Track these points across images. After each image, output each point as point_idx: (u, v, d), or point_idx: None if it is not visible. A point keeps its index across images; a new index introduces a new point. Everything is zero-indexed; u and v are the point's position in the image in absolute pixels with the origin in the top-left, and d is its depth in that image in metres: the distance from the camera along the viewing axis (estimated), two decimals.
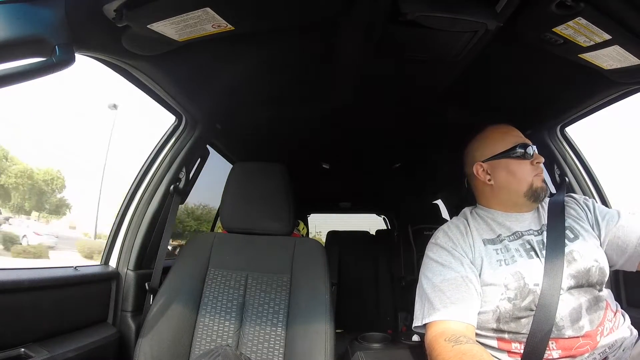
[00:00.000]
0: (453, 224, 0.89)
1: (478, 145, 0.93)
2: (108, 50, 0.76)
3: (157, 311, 0.98)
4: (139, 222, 1.15)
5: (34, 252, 9.84)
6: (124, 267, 1.11)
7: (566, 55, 0.80)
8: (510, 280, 0.75)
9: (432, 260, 0.83)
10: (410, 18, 0.69)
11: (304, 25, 0.83)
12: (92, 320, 1.00)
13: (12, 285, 0.76)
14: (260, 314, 1.00)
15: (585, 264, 0.76)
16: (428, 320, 0.76)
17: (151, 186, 1.17)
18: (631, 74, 0.82)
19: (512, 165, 0.87)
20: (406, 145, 1.69)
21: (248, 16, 0.74)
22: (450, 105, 1.21)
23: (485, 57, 0.87)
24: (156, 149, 1.20)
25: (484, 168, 0.90)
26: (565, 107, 1.10)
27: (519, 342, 0.74)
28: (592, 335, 0.72)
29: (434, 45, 0.83)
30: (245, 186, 1.18)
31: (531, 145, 0.88)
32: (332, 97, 1.20)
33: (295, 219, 1.18)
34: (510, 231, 0.84)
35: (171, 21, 0.69)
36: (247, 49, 0.91)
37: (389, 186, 2.48)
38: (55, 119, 33.94)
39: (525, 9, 0.69)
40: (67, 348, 0.84)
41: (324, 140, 1.68)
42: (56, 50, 0.52)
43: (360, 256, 2.67)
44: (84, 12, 0.62)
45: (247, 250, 1.11)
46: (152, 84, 0.95)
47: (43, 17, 0.51)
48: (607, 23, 0.67)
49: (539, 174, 0.86)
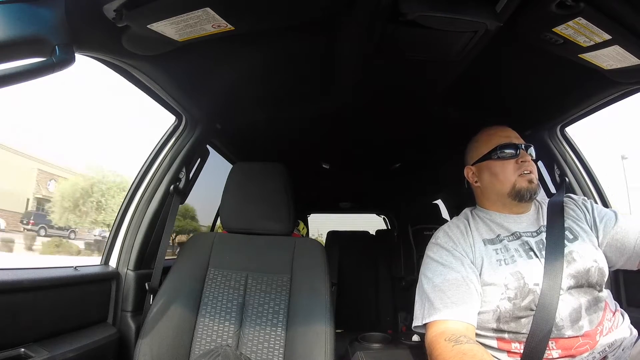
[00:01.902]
0: (454, 224, 0.90)
1: (470, 148, 0.96)
2: (108, 50, 0.76)
3: (157, 311, 0.98)
4: (139, 222, 1.15)
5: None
6: (124, 267, 1.11)
7: (566, 55, 0.80)
8: (510, 280, 0.75)
9: (433, 260, 0.83)
10: (410, 18, 0.69)
11: (304, 25, 0.82)
12: (92, 320, 1.00)
13: (12, 285, 0.76)
14: (260, 314, 1.00)
15: (584, 264, 0.76)
16: (428, 320, 0.76)
17: (151, 186, 1.17)
18: (631, 74, 0.82)
19: (494, 167, 0.88)
20: (406, 145, 1.69)
21: (248, 16, 0.74)
22: (450, 105, 1.21)
23: (485, 57, 0.87)
24: (156, 149, 1.20)
25: (473, 171, 0.93)
26: (565, 107, 1.10)
27: (519, 342, 0.74)
28: (592, 334, 0.72)
29: (434, 45, 0.83)
30: (245, 186, 1.18)
31: (517, 145, 0.87)
32: (332, 97, 1.20)
33: (295, 219, 1.18)
34: (509, 232, 0.84)
35: (171, 21, 0.69)
36: (247, 49, 0.91)
37: (389, 186, 2.48)
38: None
39: (525, 9, 0.69)
40: (67, 348, 0.84)
41: (324, 140, 1.67)
42: (56, 50, 0.52)
43: (360, 256, 2.67)
44: (84, 12, 0.62)
45: (247, 250, 1.11)
46: (152, 84, 0.95)
47: (43, 17, 0.51)
48: (607, 23, 0.67)
49: (523, 174, 0.84)
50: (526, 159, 0.86)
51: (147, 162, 1.19)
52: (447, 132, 1.42)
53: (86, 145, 27.43)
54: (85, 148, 26.67)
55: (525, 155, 0.86)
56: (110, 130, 31.84)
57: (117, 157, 25.44)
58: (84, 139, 27.23)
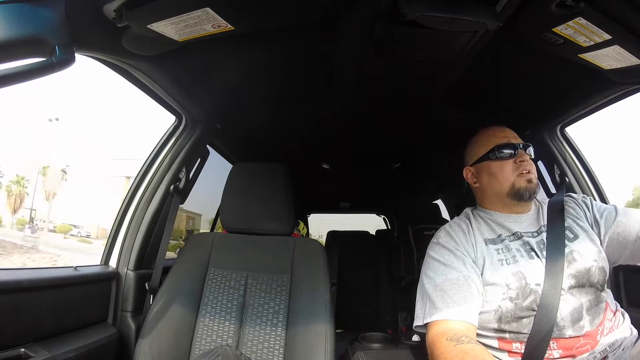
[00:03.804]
0: (455, 224, 0.89)
1: (469, 149, 0.96)
2: (108, 50, 0.76)
3: (157, 311, 0.98)
4: (139, 222, 1.15)
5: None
6: (124, 267, 1.11)
7: (566, 55, 0.80)
8: (512, 280, 0.75)
9: (434, 260, 0.83)
10: (410, 18, 0.69)
11: (304, 25, 0.82)
12: (92, 320, 1.00)
13: (12, 285, 0.76)
14: (260, 314, 1.00)
15: (585, 263, 0.76)
16: (430, 319, 0.76)
17: (151, 186, 1.17)
18: (631, 74, 0.82)
19: (492, 168, 0.87)
20: (406, 145, 1.69)
21: (248, 16, 0.74)
22: (450, 105, 1.21)
23: (485, 57, 0.87)
24: (156, 149, 1.20)
25: (472, 172, 0.93)
26: (565, 107, 1.10)
27: (520, 341, 0.74)
28: (593, 334, 0.72)
29: (434, 45, 0.83)
30: (245, 186, 1.18)
31: (515, 144, 0.87)
32: (332, 97, 1.20)
33: (295, 219, 1.18)
34: (510, 232, 0.84)
35: (171, 21, 0.69)
36: (247, 49, 0.91)
37: (389, 186, 2.48)
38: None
39: (525, 9, 0.69)
40: (67, 348, 0.84)
41: (324, 140, 1.67)
42: (56, 50, 0.52)
43: (360, 256, 2.67)
44: (84, 12, 0.62)
45: (247, 250, 1.11)
46: (152, 84, 0.95)
47: (43, 17, 0.51)
48: (607, 23, 0.67)
49: (522, 174, 0.84)
50: (524, 159, 0.86)
51: (147, 162, 1.19)
52: (447, 132, 1.42)
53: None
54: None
55: (523, 155, 0.86)
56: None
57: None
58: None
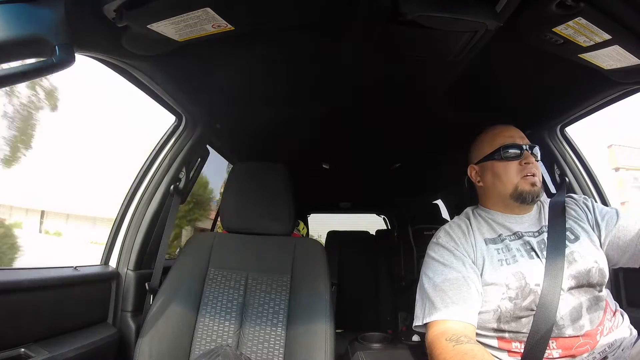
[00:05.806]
0: (455, 224, 0.89)
1: (474, 146, 0.95)
2: (108, 50, 0.76)
3: (157, 311, 0.98)
4: (139, 222, 1.15)
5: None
6: (124, 267, 1.11)
7: (566, 55, 0.80)
8: (512, 280, 0.75)
9: (434, 260, 0.83)
10: (410, 18, 0.69)
11: (304, 25, 0.82)
12: (92, 320, 1.00)
13: (12, 285, 0.76)
14: (260, 314, 1.00)
15: (585, 265, 0.76)
16: (429, 319, 0.76)
17: (151, 186, 1.17)
18: (631, 74, 0.82)
19: (497, 168, 0.86)
20: (406, 145, 1.68)
21: (248, 16, 0.74)
22: (450, 105, 1.21)
23: (485, 57, 0.87)
24: (156, 149, 1.20)
25: (476, 170, 0.92)
26: (565, 107, 1.10)
27: (519, 341, 0.74)
28: (592, 334, 0.72)
29: (434, 45, 0.83)
30: (245, 186, 1.18)
31: (521, 145, 0.86)
32: (332, 97, 1.20)
33: (295, 219, 1.18)
34: (511, 231, 0.84)
35: (171, 21, 0.68)
36: (247, 49, 0.91)
37: (389, 186, 2.48)
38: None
39: (525, 9, 0.69)
40: (67, 348, 0.84)
41: (324, 140, 1.67)
42: (56, 50, 0.52)
43: (360, 256, 2.67)
44: (84, 12, 0.62)
45: (248, 250, 1.11)
46: (152, 84, 0.95)
47: (43, 17, 0.51)
48: (607, 23, 0.67)
49: (527, 177, 0.83)
50: (530, 161, 0.84)
51: (147, 162, 1.19)
52: (447, 132, 1.42)
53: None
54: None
55: (529, 157, 0.85)
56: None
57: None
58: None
